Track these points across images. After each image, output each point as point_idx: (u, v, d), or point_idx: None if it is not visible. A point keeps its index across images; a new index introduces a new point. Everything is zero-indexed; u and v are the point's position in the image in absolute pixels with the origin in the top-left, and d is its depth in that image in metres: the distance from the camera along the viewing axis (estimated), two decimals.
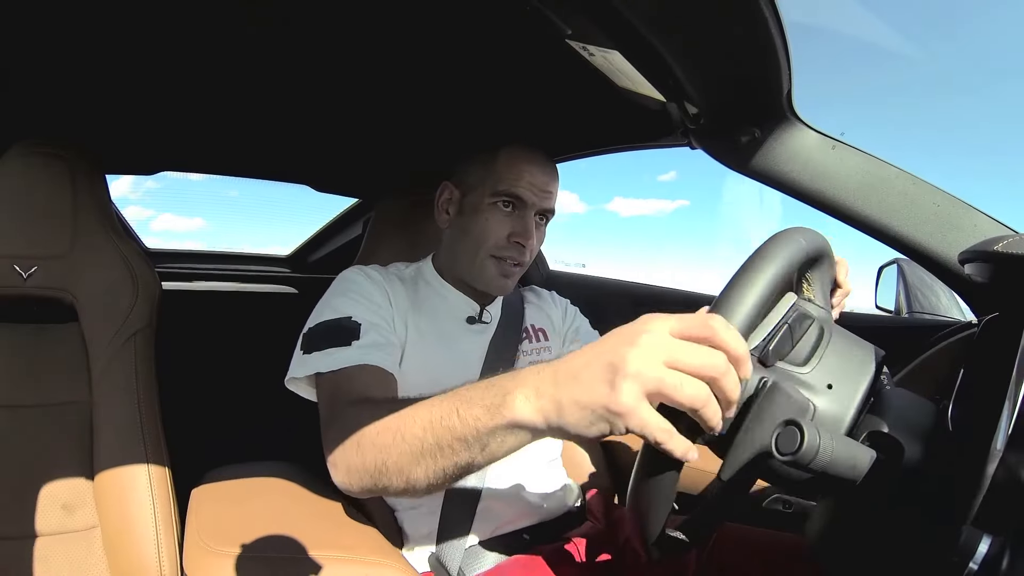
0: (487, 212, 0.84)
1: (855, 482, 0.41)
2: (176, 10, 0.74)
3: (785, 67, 0.63)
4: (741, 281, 0.44)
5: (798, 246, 0.48)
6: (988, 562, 0.35)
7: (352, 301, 0.80)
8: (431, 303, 0.88)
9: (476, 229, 0.85)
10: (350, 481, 0.59)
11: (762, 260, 0.45)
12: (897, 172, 0.73)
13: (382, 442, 0.55)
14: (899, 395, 0.49)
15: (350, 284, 0.83)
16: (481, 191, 0.85)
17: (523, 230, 0.84)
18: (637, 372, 0.38)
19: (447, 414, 0.49)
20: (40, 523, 0.81)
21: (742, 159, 0.78)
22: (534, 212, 0.85)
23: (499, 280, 0.87)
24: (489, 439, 0.46)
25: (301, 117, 1.15)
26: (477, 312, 0.91)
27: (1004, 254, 0.51)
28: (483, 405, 0.46)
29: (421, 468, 0.52)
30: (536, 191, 0.84)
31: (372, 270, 0.87)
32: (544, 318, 1.01)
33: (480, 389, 0.48)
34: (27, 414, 0.85)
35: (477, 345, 0.88)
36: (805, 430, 0.40)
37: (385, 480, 0.55)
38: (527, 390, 0.44)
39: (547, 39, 0.68)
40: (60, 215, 0.90)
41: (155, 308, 0.96)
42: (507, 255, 0.85)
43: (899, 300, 1.06)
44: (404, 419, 0.53)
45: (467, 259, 0.87)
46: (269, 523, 0.72)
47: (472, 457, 0.48)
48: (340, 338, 0.75)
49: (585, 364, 0.41)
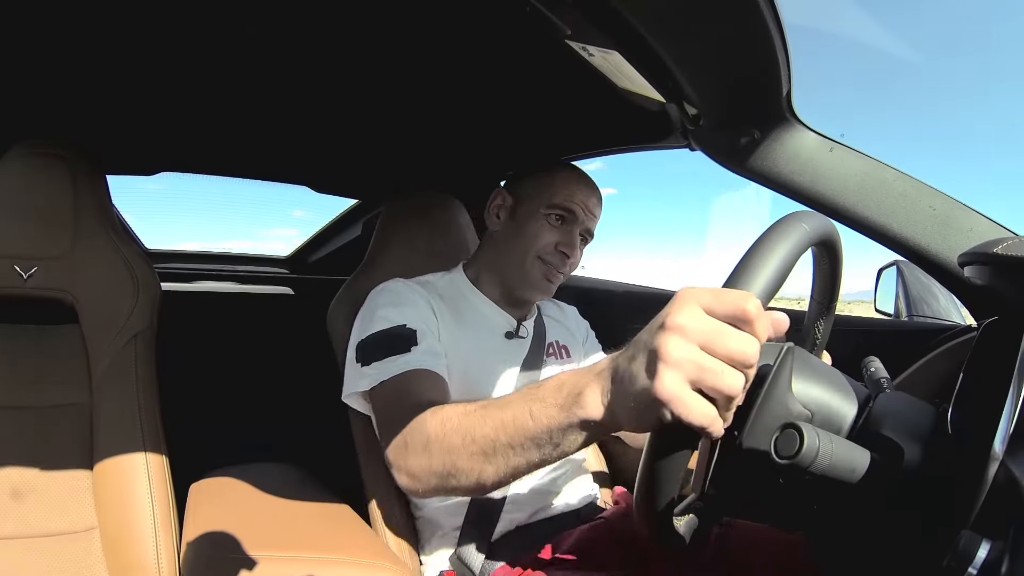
0: (540, 220, 0.91)
1: (854, 485, 0.41)
2: (176, 10, 0.74)
3: (785, 68, 0.63)
4: (766, 256, 0.43)
5: (818, 223, 0.48)
6: (987, 566, 0.35)
7: (402, 312, 0.82)
8: (471, 317, 0.92)
9: (529, 233, 0.91)
10: (416, 484, 0.61)
11: (784, 237, 0.44)
12: (896, 174, 0.73)
13: (451, 443, 0.56)
14: (899, 398, 0.49)
15: (397, 296, 0.86)
16: (536, 202, 0.92)
17: (570, 241, 0.92)
18: (677, 360, 0.38)
19: (520, 413, 0.50)
20: (40, 524, 0.81)
21: (741, 160, 0.78)
22: (580, 229, 0.93)
23: (543, 283, 0.93)
24: (563, 437, 0.48)
25: (301, 118, 1.15)
26: (515, 327, 0.95)
27: (1004, 256, 0.51)
28: (556, 404, 0.47)
29: (492, 467, 0.53)
30: (586, 211, 0.93)
31: (414, 283, 0.90)
32: (567, 334, 1.05)
33: (550, 389, 0.49)
34: (27, 415, 0.85)
35: (514, 359, 0.93)
36: (804, 433, 0.40)
37: (454, 481, 0.57)
38: (596, 388, 0.45)
39: (546, 39, 0.68)
40: (61, 216, 0.90)
41: (155, 310, 0.96)
42: (552, 261, 0.92)
43: (898, 303, 1.06)
44: (473, 420, 0.55)
45: (516, 260, 0.92)
46: (267, 524, 0.72)
47: (545, 454, 0.50)
48: (399, 346, 0.77)
49: (632, 356, 0.42)
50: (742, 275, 0.42)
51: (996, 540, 0.35)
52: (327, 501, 0.79)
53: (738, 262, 0.44)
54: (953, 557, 0.36)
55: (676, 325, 0.39)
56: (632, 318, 1.25)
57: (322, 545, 0.66)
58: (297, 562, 0.63)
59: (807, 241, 0.46)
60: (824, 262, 0.57)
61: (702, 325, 0.39)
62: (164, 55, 0.86)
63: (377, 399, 0.76)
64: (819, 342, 0.65)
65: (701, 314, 0.40)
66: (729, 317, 0.39)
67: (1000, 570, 0.34)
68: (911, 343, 0.88)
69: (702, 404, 0.39)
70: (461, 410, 0.57)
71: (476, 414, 0.55)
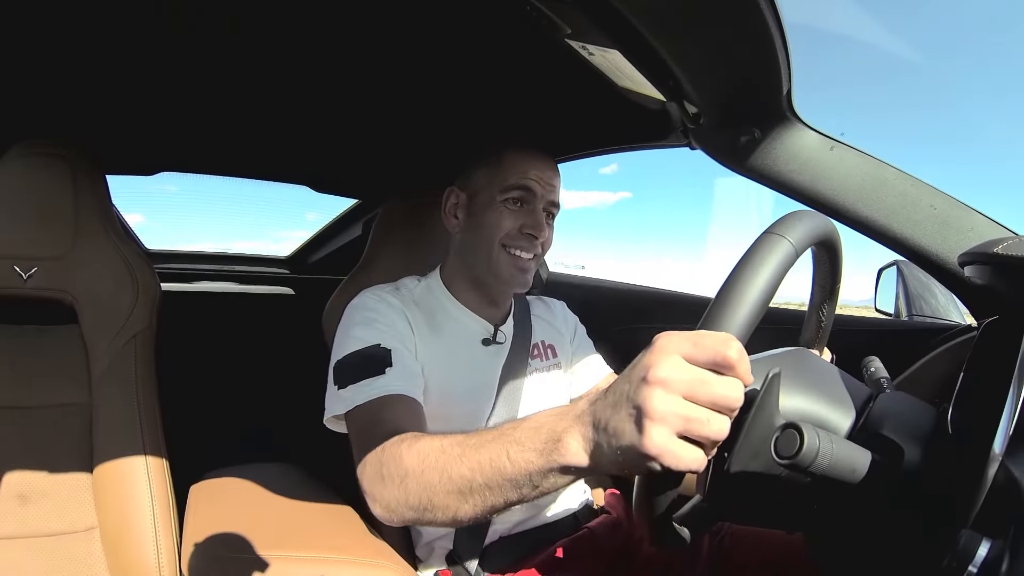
0: (498, 208, 0.86)
1: (855, 485, 0.41)
2: (176, 11, 0.74)
3: (785, 67, 0.63)
4: (743, 288, 0.43)
5: (803, 230, 0.46)
6: (987, 565, 0.35)
7: (377, 330, 0.80)
8: (447, 326, 0.88)
9: (488, 224, 0.86)
10: (391, 515, 0.60)
11: (762, 262, 0.44)
12: (896, 173, 0.73)
13: (427, 481, 0.55)
14: (899, 398, 0.49)
15: (371, 312, 0.82)
16: (490, 190, 0.87)
17: (534, 222, 0.86)
18: (663, 415, 0.39)
19: (496, 456, 0.49)
20: (40, 524, 0.81)
21: (741, 159, 0.78)
22: (542, 205, 0.88)
23: (516, 274, 0.87)
24: (542, 480, 0.47)
25: (301, 118, 1.15)
26: (492, 333, 0.92)
27: (1004, 256, 0.51)
28: (534, 449, 0.47)
29: (469, 505, 0.53)
30: (543, 183, 0.87)
31: (388, 294, 0.86)
32: (554, 332, 1.02)
33: (528, 431, 0.48)
34: (27, 415, 0.85)
35: (493, 366, 0.90)
36: (804, 433, 0.40)
37: (430, 516, 0.56)
38: (576, 434, 0.45)
39: (547, 39, 0.68)
40: (61, 216, 0.90)
41: (155, 310, 0.96)
42: (519, 245, 0.86)
43: (899, 302, 1.06)
44: (450, 458, 0.54)
45: (483, 254, 0.88)
46: (267, 524, 0.72)
47: (523, 495, 0.50)
48: (373, 368, 0.75)
49: (615, 406, 0.42)
50: (718, 314, 0.42)
51: (996, 539, 0.35)
52: (327, 501, 0.79)
53: (714, 298, 0.43)
54: (953, 556, 0.36)
55: (658, 379, 0.39)
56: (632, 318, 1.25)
57: (322, 545, 0.66)
58: (297, 561, 0.63)
59: (791, 257, 0.45)
60: (823, 256, 0.58)
61: (684, 375, 0.39)
62: (164, 55, 0.86)
63: (352, 423, 0.74)
64: (824, 326, 0.65)
65: (682, 364, 0.40)
66: (710, 364, 0.39)
67: (1000, 569, 0.34)
68: (911, 343, 0.88)
69: (690, 452, 0.39)
70: (438, 446, 0.56)
71: (453, 452, 0.54)
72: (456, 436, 0.56)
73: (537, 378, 0.93)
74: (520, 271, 0.87)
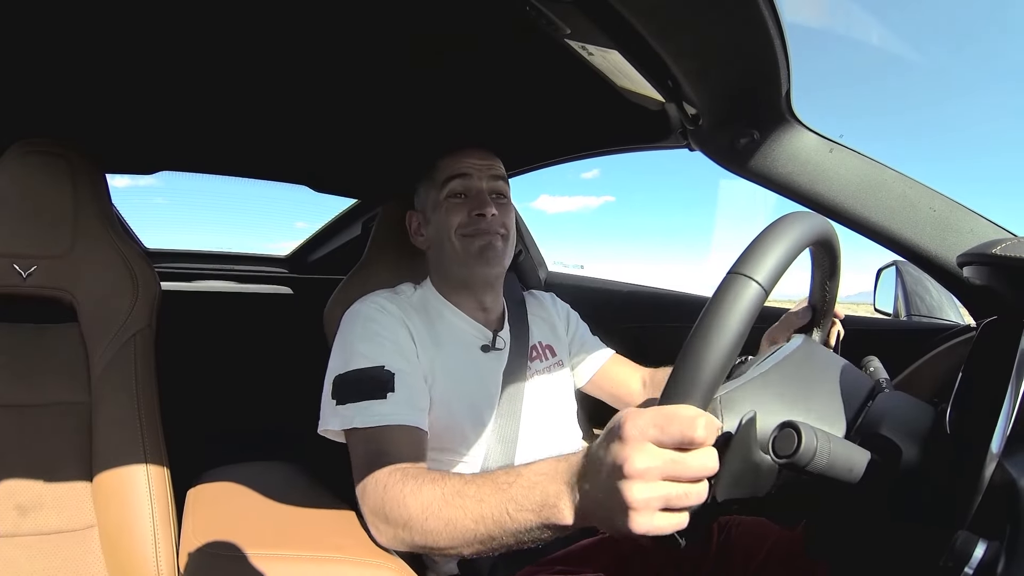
0: (443, 206, 0.90)
1: (852, 485, 0.41)
2: (176, 10, 0.74)
3: (784, 68, 0.63)
4: (705, 355, 0.42)
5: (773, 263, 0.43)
6: (984, 566, 0.35)
7: (381, 347, 0.79)
8: (447, 335, 0.89)
9: (441, 224, 0.90)
10: (395, 547, 0.65)
11: (726, 313, 0.42)
12: (895, 175, 0.73)
13: (430, 528, 0.60)
14: (897, 398, 0.49)
15: (373, 324, 0.82)
16: (435, 196, 0.91)
17: (479, 203, 0.88)
18: (645, 503, 0.42)
19: (498, 512, 0.55)
20: (38, 523, 0.81)
21: (740, 161, 0.78)
22: (485, 188, 0.90)
23: (480, 256, 0.88)
24: (540, 533, 0.53)
25: (301, 117, 1.15)
26: (491, 339, 0.92)
27: (1003, 257, 0.51)
28: (531, 509, 0.52)
29: (471, 549, 0.59)
30: (478, 167, 0.90)
31: (387, 301, 0.86)
32: (549, 331, 1.03)
33: (524, 489, 0.54)
34: (26, 414, 0.85)
35: (494, 372, 0.90)
36: (802, 432, 0.40)
37: (434, 553, 0.64)
38: (567, 501, 0.50)
39: (546, 39, 0.68)
40: (60, 214, 0.90)
41: (155, 309, 0.96)
42: (472, 230, 0.88)
43: (897, 303, 1.06)
44: (453, 509, 0.59)
45: (447, 252, 0.90)
46: (266, 523, 0.72)
47: (521, 542, 0.55)
48: (375, 390, 0.75)
49: (600, 491, 0.46)
50: (678, 388, 0.43)
51: (993, 540, 0.35)
52: (326, 501, 0.79)
53: (677, 360, 0.43)
54: (950, 557, 0.36)
55: (635, 472, 0.42)
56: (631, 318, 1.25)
57: (322, 544, 0.66)
58: (297, 561, 0.63)
59: (759, 297, 0.42)
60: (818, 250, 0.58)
61: (658, 462, 0.42)
62: (164, 54, 0.86)
63: (352, 443, 0.75)
64: (828, 300, 0.66)
65: (654, 451, 0.42)
66: (679, 445, 0.42)
67: (996, 570, 0.34)
68: (910, 343, 0.88)
69: (675, 519, 0.43)
70: (440, 495, 0.60)
71: (455, 503, 0.59)
72: (454, 482, 0.61)
73: (538, 380, 0.94)
74: (485, 248, 0.88)
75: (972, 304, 0.75)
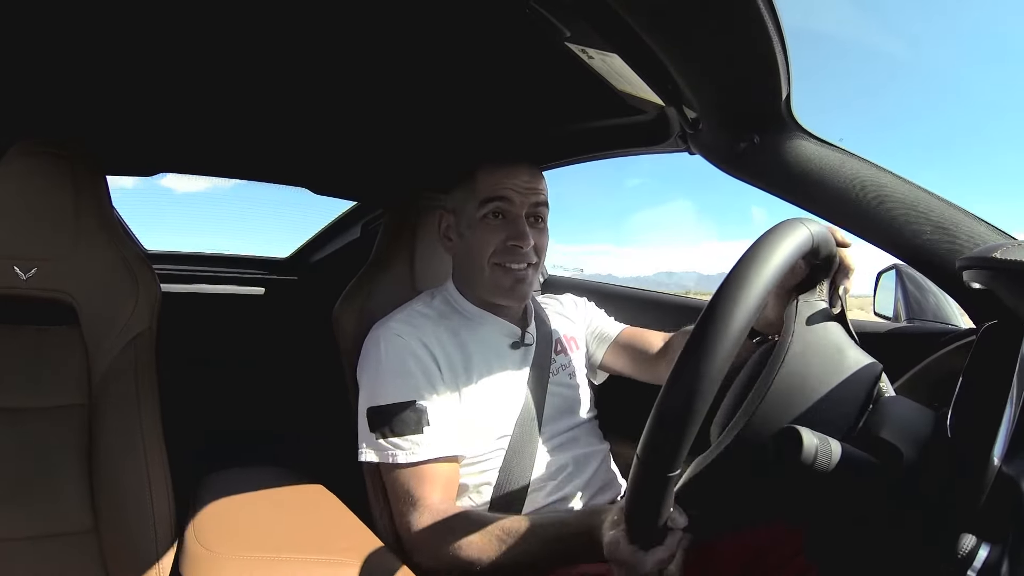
0: (479, 226, 0.88)
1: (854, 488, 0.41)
2: (177, 11, 0.74)
3: (784, 72, 0.63)
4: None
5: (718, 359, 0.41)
6: (987, 569, 0.35)
7: (407, 380, 0.82)
8: (474, 339, 0.90)
9: (474, 244, 0.88)
10: (429, 567, 0.74)
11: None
12: (895, 179, 0.73)
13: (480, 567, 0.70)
14: (898, 402, 0.49)
15: (400, 359, 0.84)
16: (470, 209, 0.89)
17: (516, 232, 0.87)
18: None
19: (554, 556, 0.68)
20: (39, 525, 0.80)
21: (740, 165, 0.78)
22: (524, 212, 0.88)
23: (513, 289, 0.89)
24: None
25: (300, 119, 1.15)
26: (519, 336, 0.93)
27: (1003, 261, 0.51)
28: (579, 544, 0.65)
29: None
30: (520, 189, 0.88)
31: (406, 325, 0.87)
32: (569, 324, 1.05)
33: (571, 537, 0.67)
34: (27, 417, 0.84)
35: (522, 367, 0.92)
36: (803, 435, 0.40)
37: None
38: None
39: (546, 42, 0.68)
40: (61, 216, 0.90)
41: (155, 311, 0.95)
42: (508, 260, 0.87)
43: (897, 306, 1.06)
44: (503, 553, 0.69)
45: (478, 275, 0.89)
46: (266, 526, 0.72)
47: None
48: (411, 426, 0.79)
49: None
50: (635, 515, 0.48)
51: (995, 543, 0.35)
52: (327, 503, 0.79)
53: (628, 489, 0.47)
54: (952, 560, 0.36)
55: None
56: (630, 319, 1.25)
57: (322, 547, 0.65)
58: (297, 563, 0.63)
59: (708, 397, 0.41)
60: None
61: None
62: (164, 55, 0.87)
63: (390, 473, 0.80)
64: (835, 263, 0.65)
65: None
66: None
67: (999, 573, 0.34)
68: (910, 347, 0.88)
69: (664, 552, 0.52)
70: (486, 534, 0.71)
71: (505, 551, 0.69)
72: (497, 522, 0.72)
73: (563, 374, 0.96)
74: (516, 282, 0.88)
75: (972, 308, 0.75)
